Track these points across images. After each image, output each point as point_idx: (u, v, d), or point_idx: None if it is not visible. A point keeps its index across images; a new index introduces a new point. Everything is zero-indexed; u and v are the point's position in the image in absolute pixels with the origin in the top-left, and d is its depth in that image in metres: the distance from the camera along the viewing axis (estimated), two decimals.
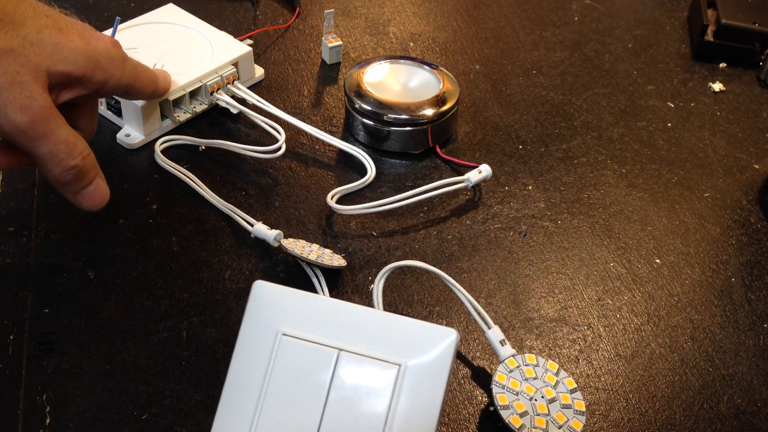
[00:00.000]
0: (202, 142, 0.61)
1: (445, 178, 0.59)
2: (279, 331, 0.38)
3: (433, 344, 0.37)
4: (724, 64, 0.76)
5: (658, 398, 0.47)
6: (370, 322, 0.38)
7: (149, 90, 0.56)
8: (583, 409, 0.44)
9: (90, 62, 0.47)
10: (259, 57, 0.71)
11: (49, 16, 0.46)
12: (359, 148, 0.62)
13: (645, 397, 0.47)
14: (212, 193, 0.56)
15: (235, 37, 0.68)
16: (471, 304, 0.48)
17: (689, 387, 0.48)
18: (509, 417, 0.43)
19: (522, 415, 0.43)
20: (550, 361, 0.46)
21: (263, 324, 0.39)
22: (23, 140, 0.44)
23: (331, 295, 0.51)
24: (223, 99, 0.63)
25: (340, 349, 0.38)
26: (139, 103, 0.59)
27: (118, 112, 0.61)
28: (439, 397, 0.37)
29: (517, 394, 0.44)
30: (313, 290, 0.51)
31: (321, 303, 0.39)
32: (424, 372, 0.37)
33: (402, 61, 0.66)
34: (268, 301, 0.39)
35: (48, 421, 0.43)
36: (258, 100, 0.63)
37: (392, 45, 0.75)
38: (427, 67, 0.65)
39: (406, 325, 0.38)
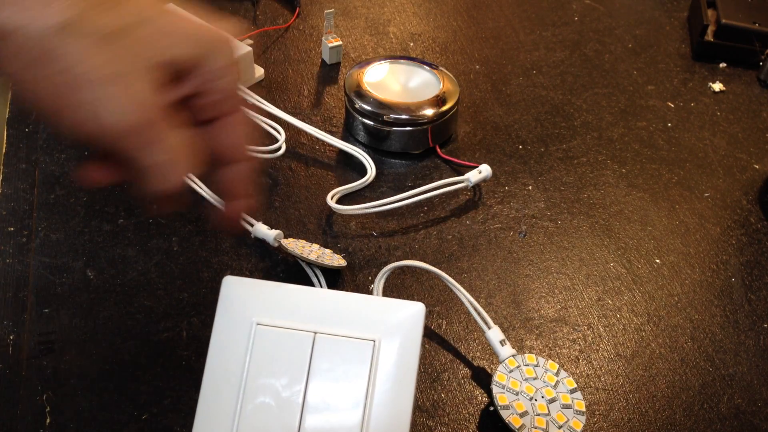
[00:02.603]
0: None
1: (445, 178, 0.59)
2: (253, 321, 0.39)
3: (404, 317, 0.39)
4: (724, 64, 0.76)
5: (658, 398, 0.47)
6: (342, 304, 0.40)
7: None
8: (583, 409, 0.44)
9: (203, 46, 0.38)
10: (259, 57, 0.71)
11: None
12: (359, 148, 0.62)
13: (645, 397, 0.47)
14: (212, 193, 0.56)
15: (235, 37, 0.68)
16: (471, 304, 0.48)
17: (689, 387, 0.48)
18: (509, 417, 0.43)
19: (522, 415, 0.43)
20: (550, 361, 0.46)
21: (237, 317, 0.40)
22: (127, 146, 0.36)
23: None
24: None
25: (316, 332, 0.39)
26: None
27: None
28: (413, 367, 0.38)
29: (517, 394, 0.44)
30: None
31: (292, 291, 0.40)
32: (399, 344, 0.39)
33: (402, 61, 0.66)
34: (240, 294, 0.40)
35: (48, 421, 0.43)
36: (258, 100, 0.63)
37: (392, 45, 0.75)
38: (427, 67, 0.65)
39: (376, 303, 0.40)
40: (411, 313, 0.39)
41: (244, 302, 0.40)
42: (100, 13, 0.34)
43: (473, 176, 0.58)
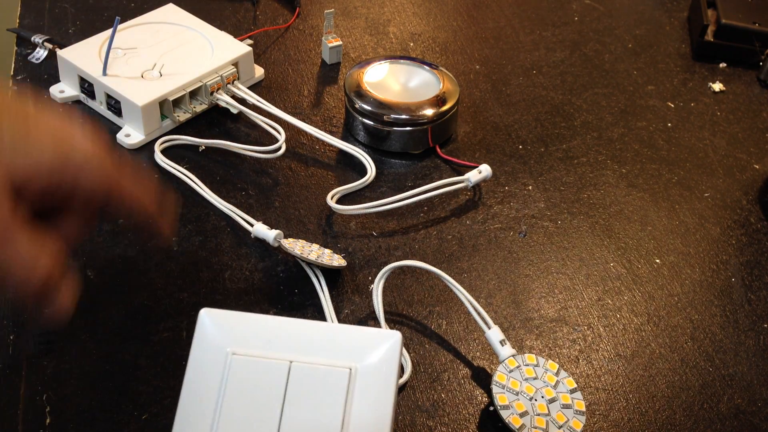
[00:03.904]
0: (202, 142, 0.61)
1: (445, 178, 0.59)
2: (228, 351, 0.39)
3: (380, 346, 0.39)
4: (724, 64, 0.76)
5: (658, 398, 0.47)
6: (318, 333, 0.40)
7: None
8: (583, 409, 0.44)
9: None
10: (259, 57, 0.71)
11: None
12: (359, 148, 0.62)
13: (645, 397, 0.47)
14: (212, 193, 0.56)
15: (235, 37, 0.68)
16: (471, 304, 0.48)
17: (689, 387, 0.48)
18: (509, 417, 0.43)
19: (522, 415, 0.43)
20: (550, 361, 0.46)
21: (212, 347, 0.40)
22: None
23: (331, 295, 0.51)
24: (223, 99, 0.63)
25: (291, 361, 0.39)
26: (140, 103, 0.59)
27: (118, 112, 0.61)
28: (390, 395, 0.38)
29: (517, 394, 0.44)
30: (313, 290, 0.51)
31: (267, 322, 0.40)
32: (375, 372, 0.38)
33: (402, 61, 0.66)
34: (216, 325, 0.40)
35: (48, 421, 0.43)
36: (258, 100, 0.63)
37: (392, 45, 0.75)
38: (427, 67, 0.65)
39: (352, 331, 0.40)
40: (388, 341, 0.39)
41: (220, 333, 0.40)
42: None
43: (473, 176, 0.58)
